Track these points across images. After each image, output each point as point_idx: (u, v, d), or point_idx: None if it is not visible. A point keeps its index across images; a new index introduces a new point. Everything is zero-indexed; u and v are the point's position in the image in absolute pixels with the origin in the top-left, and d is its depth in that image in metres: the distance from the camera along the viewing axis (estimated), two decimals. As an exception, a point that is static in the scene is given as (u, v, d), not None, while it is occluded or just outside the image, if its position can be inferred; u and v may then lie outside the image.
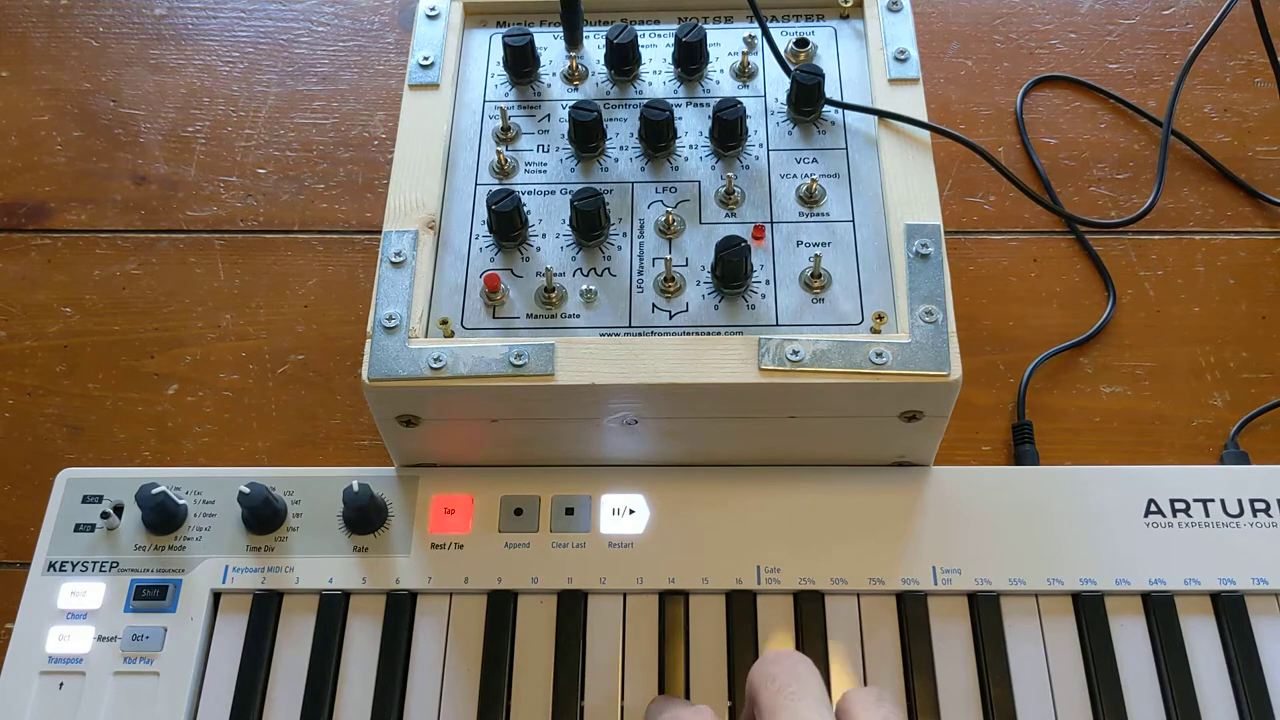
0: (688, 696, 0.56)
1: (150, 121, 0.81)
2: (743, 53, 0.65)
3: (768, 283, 0.57)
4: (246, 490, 0.58)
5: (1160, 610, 0.57)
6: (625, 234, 0.59)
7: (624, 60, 0.64)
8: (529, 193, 0.61)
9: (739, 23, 0.67)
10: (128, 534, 0.60)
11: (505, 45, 0.64)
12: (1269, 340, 0.70)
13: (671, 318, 0.56)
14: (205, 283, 0.73)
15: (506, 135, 0.63)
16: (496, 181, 0.61)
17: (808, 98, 0.61)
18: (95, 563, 0.59)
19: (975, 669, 0.56)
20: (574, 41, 0.65)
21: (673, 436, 0.58)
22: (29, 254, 0.75)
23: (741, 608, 0.57)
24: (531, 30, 0.65)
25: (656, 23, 0.67)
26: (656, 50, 0.66)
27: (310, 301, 0.73)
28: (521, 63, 0.64)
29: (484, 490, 0.61)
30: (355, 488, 0.58)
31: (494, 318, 0.57)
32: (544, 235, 0.59)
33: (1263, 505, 0.60)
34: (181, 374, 0.70)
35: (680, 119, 0.63)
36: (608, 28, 0.64)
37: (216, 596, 0.59)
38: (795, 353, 0.53)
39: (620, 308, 0.57)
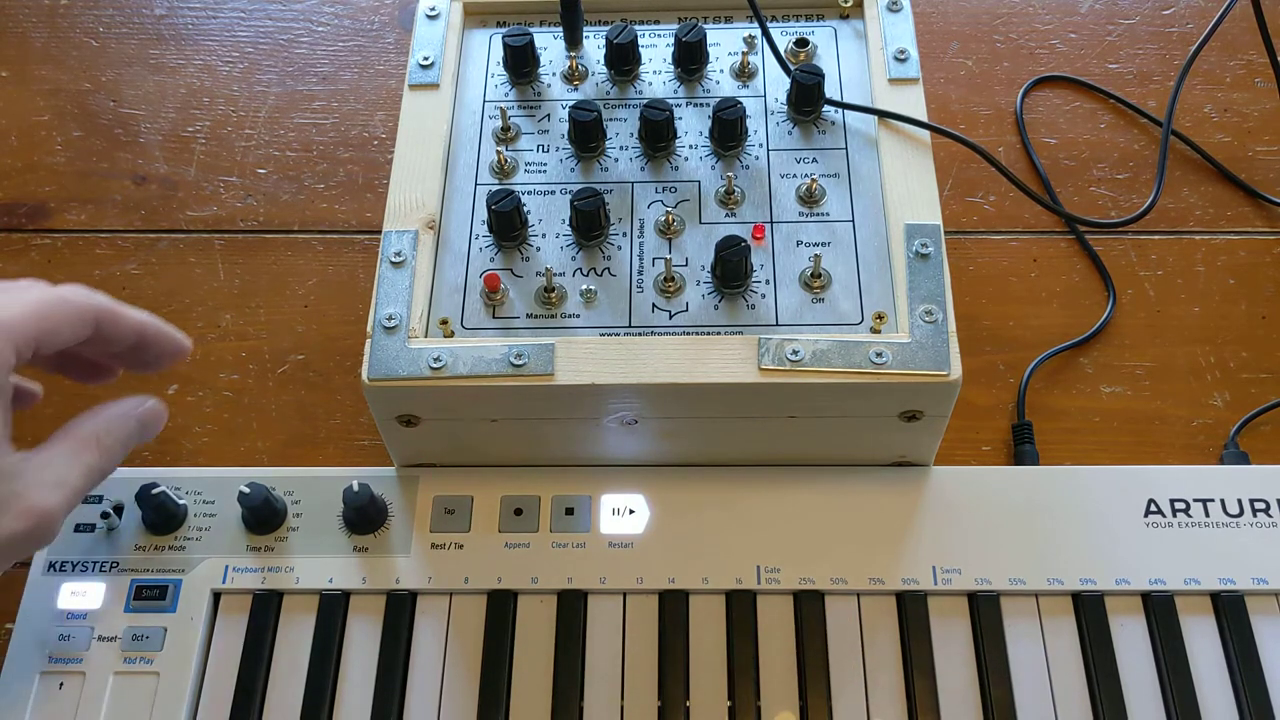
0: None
1: (150, 121, 0.81)
2: (742, 53, 0.65)
3: (767, 282, 0.57)
4: (246, 490, 0.58)
5: (1160, 610, 0.57)
6: (625, 234, 0.59)
7: (624, 60, 0.64)
8: (529, 193, 0.61)
9: (739, 23, 0.67)
10: (128, 534, 0.60)
11: (505, 45, 0.64)
12: (1269, 340, 0.70)
13: (671, 317, 0.56)
14: (205, 283, 0.73)
15: (506, 135, 0.63)
16: (496, 181, 0.61)
17: (807, 97, 0.61)
18: (95, 563, 0.59)
19: (975, 669, 0.56)
20: (574, 41, 0.65)
21: (673, 436, 0.58)
22: (29, 254, 0.75)
23: (741, 608, 0.57)
24: (531, 30, 0.65)
25: (656, 23, 0.67)
26: (656, 50, 0.66)
27: (310, 301, 0.73)
28: (521, 63, 0.64)
29: (484, 490, 0.61)
30: (355, 488, 0.58)
31: (494, 317, 0.57)
32: (544, 235, 0.59)
33: (1263, 505, 0.60)
34: (181, 374, 0.70)
35: (680, 119, 0.63)
36: (608, 28, 0.64)
37: (216, 596, 0.59)
38: (795, 352, 0.53)
39: (620, 307, 0.57)
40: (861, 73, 0.64)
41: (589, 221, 0.58)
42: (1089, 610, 0.57)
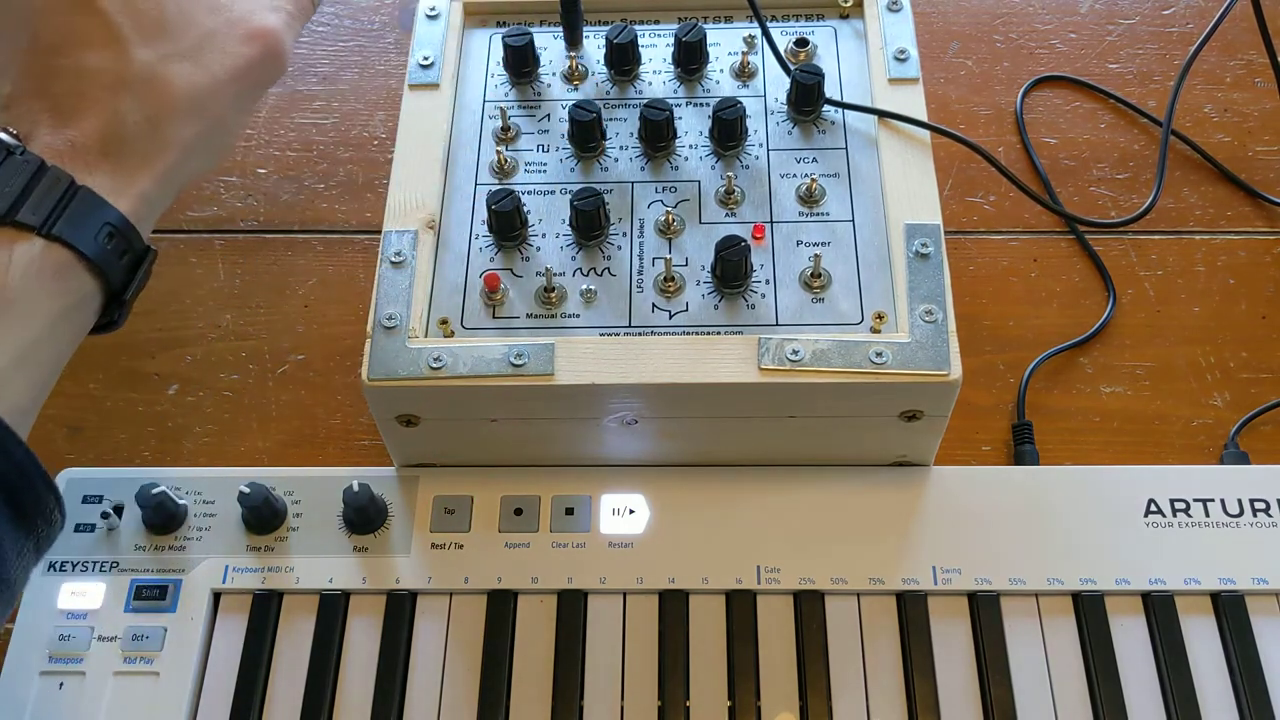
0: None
1: (150, 121, 0.81)
2: (742, 53, 0.65)
3: (767, 282, 0.57)
4: (246, 490, 0.58)
5: (1160, 610, 0.57)
6: (625, 234, 0.59)
7: (624, 60, 0.64)
8: (529, 192, 0.61)
9: (739, 23, 0.67)
10: (128, 534, 0.60)
11: (505, 45, 0.64)
12: (1269, 340, 0.70)
13: (671, 317, 0.56)
14: (205, 283, 0.73)
15: (506, 135, 0.63)
16: (496, 181, 0.61)
17: (807, 97, 0.61)
18: (95, 563, 0.59)
19: (975, 669, 0.56)
20: (574, 41, 0.65)
21: (673, 436, 0.58)
22: (29, 254, 0.75)
23: (741, 608, 0.57)
24: (531, 30, 0.65)
25: (656, 23, 0.67)
26: (656, 50, 0.66)
27: (310, 301, 0.73)
28: (521, 63, 0.64)
29: (484, 490, 0.61)
30: (355, 488, 0.58)
31: (494, 317, 0.57)
32: (544, 235, 0.59)
33: (1263, 505, 0.60)
34: (182, 374, 0.70)
35: (680, 119, 0.63)
36: (608, 28, 0.64)
37: (216, 596, 0.59)
38: (795, 352, 0.53)
39: (620, 307, 0.57)
40: (861, 72, 0.64)
41: (589, 221, 0.58)
42: (1089, 610, 0.57)
